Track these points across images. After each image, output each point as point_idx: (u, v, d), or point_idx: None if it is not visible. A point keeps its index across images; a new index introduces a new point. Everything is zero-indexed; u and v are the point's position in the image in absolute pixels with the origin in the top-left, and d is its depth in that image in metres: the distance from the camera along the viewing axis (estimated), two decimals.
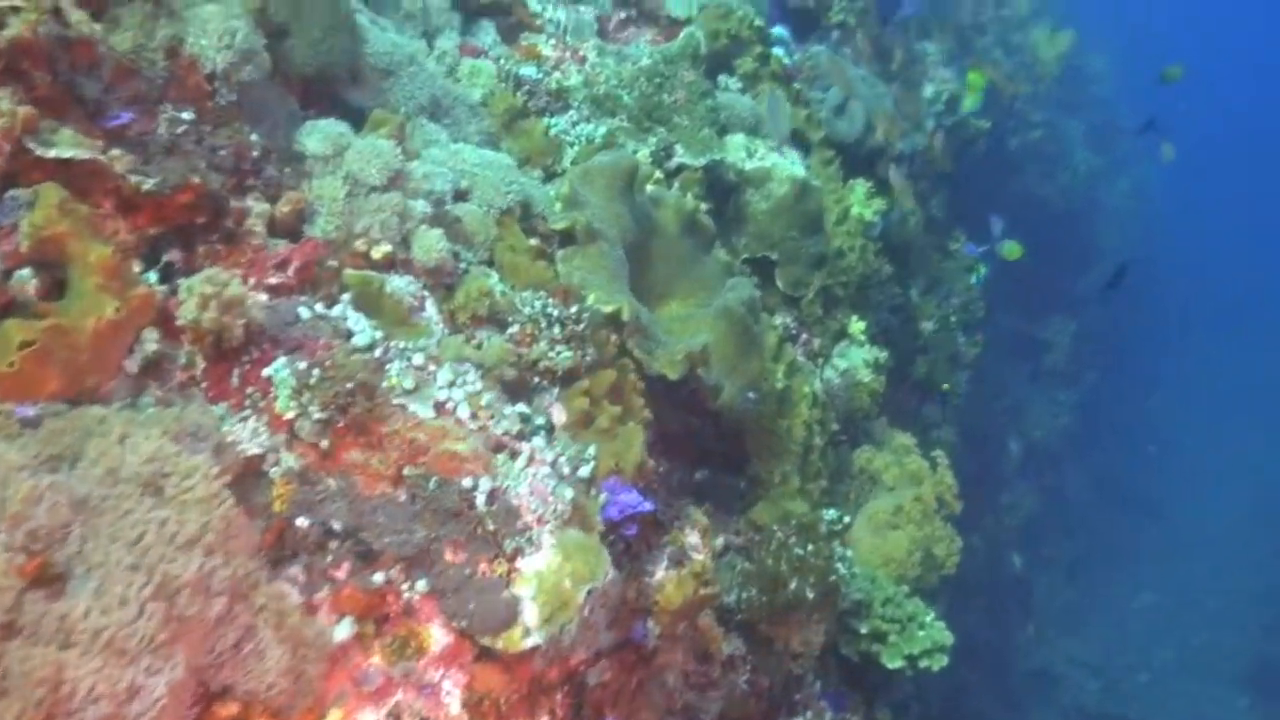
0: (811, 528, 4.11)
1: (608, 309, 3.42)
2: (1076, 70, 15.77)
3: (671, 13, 5.48)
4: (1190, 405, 21.66)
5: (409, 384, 2.80)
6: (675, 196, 4.28)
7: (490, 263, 3.47)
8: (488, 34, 4.77)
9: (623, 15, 5.52)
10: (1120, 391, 18.20)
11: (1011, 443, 14.32)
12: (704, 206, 4.52)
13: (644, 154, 4.60)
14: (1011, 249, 8.75)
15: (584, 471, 3.05)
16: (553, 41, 5.05)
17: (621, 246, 3.71)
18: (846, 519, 5.19)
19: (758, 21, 5.59)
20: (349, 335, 2.78)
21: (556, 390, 3.27)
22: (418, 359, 2.89)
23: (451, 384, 2.90)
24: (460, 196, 3.53)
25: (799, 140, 5.66)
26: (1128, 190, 18.13)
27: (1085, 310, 15.82)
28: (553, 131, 4.57)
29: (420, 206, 3.21)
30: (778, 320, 5.13)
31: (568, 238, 3.70)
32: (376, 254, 3.08)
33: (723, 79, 5.46)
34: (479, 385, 2.96)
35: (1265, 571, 17.38)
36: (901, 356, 7.10)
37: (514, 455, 2.91)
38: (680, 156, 4.73)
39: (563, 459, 3.01)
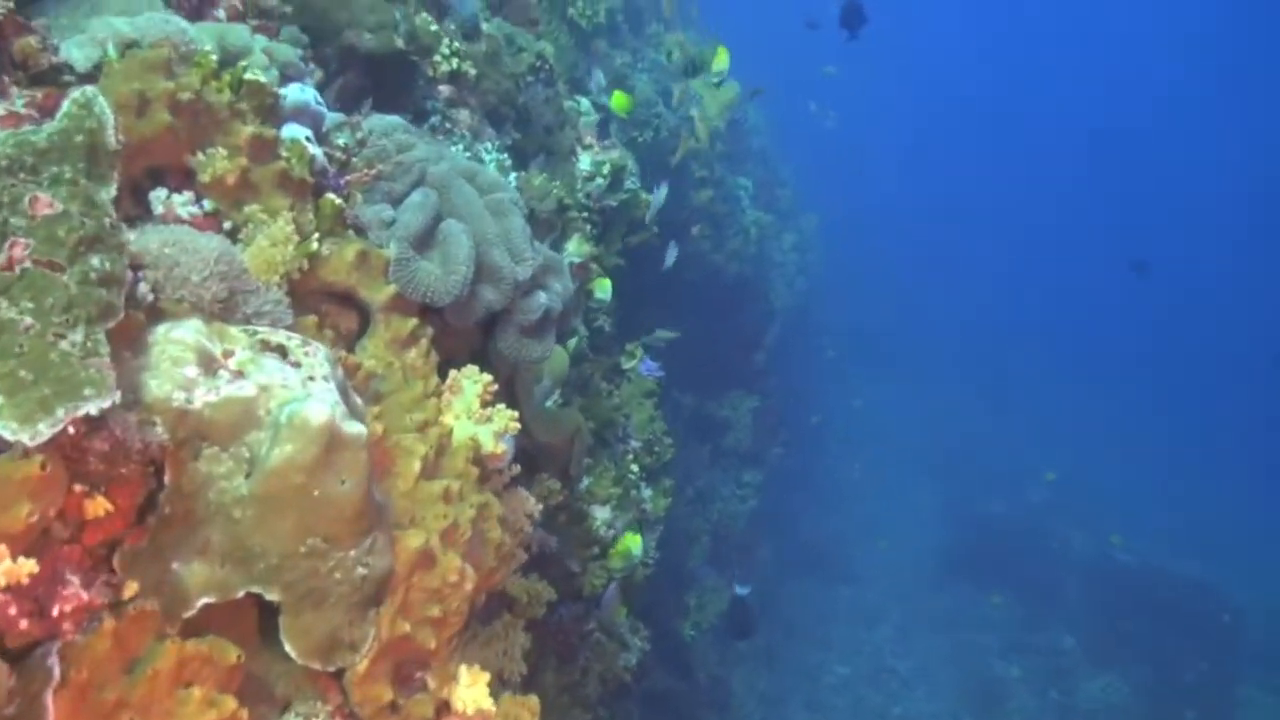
0: None
1: None
2: (737, 124, 13.76)
3: (71, 60, 2.50)
4: (862, 448, 20.40)
5: None
6: None
7: None
8: None
9: None
10: (802, 461, 16.84)
11: (701, 535, 12.62)
12: None
13: None
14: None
15: None
16: None
17: None
18: None
19: (257, 74, 2.66)
20: None
21: None
22: None
23: None
24: None
25: (352, 302, 2.80)
26: (793, 244, 16.25)
27: (764, 383, 14.15)
28: None
29: None
30: None
31: None
32: None
33: (158, 195, 2.52)
34: None
35: (952, 628, 16.50)
36: None
37: None
38: None
39: None
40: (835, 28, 11.40)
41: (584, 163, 6.46)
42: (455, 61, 4.81)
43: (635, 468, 6.05)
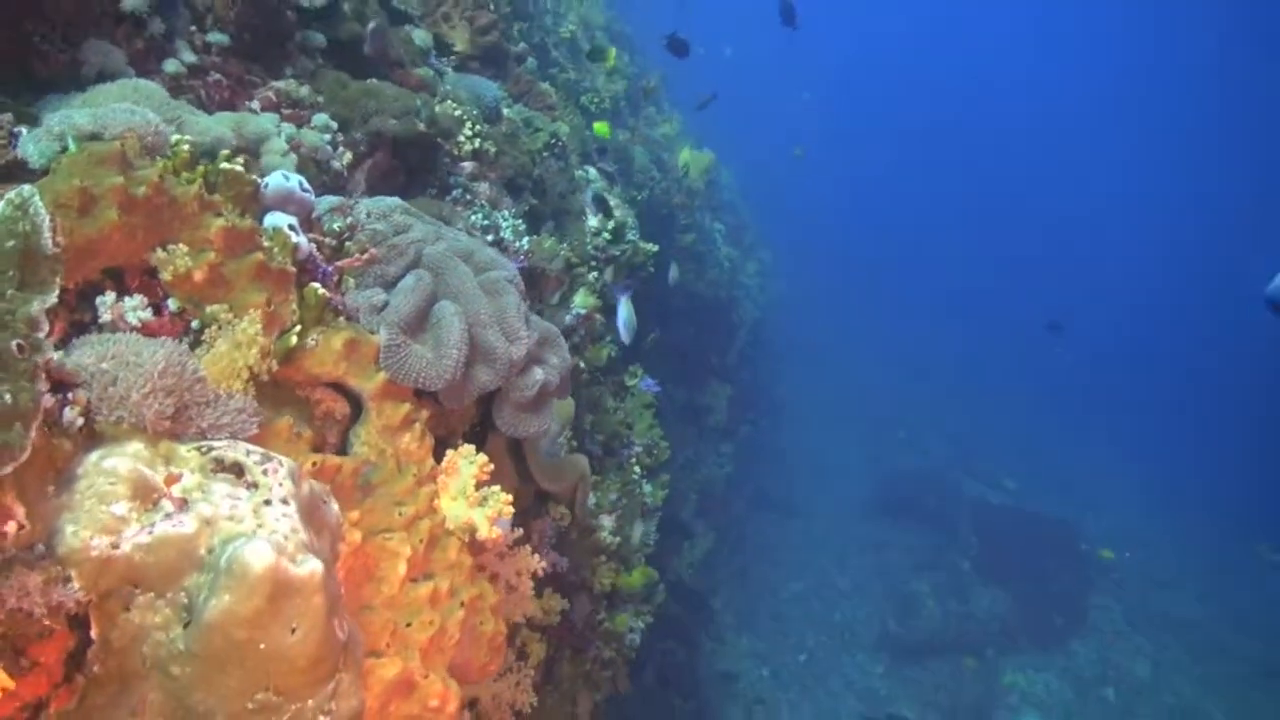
0: None
1: None
2: (713, 181, 12.99)
3: (26, 156, 1.67)
4: (808, 421, 19.68)
5: None
6: None
7: None
8: None
9: None
10: (764, 432, 16.03)
11: (690, 494, 11.88)
12: None
13: None
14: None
15: None
16: None
17: None
18: None
19: (234, 164, 1.83)
20: None
21: None
22: None
23: None
24: None
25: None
26: (755, 270, 15.51)
27: (736, 376, 13.31)
28: None
29: None
30: None
31: None
32: None
33: (104, 301, 1.74)
34: None
35: (878, 552, 15.69)
36: None
37: None
38: None
39: None
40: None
41: (591, 221, 5.63)
42: (478, 141, 3.99)
43: (637, 469, 5.25)
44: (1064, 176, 45.57)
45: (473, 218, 3.48)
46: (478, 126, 3.95)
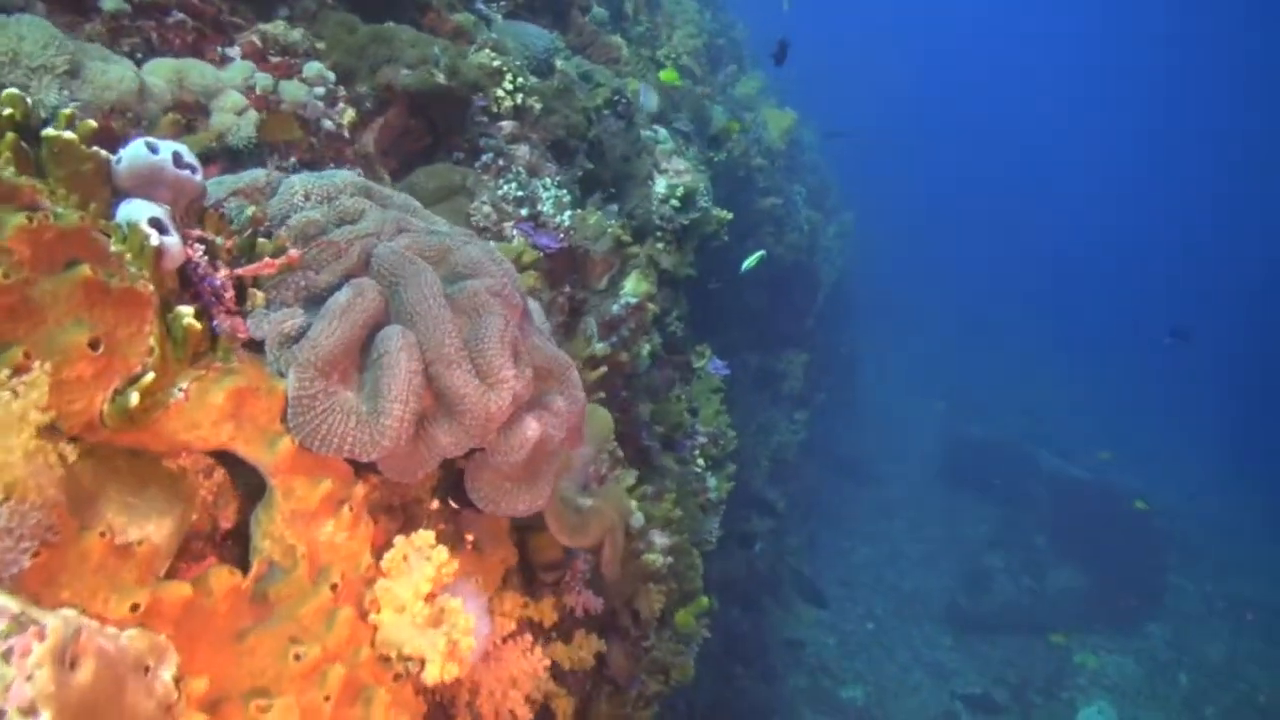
0: None
1: None
2: (794, 141, 11.98)
3: None
4: (884, 388, 18.67)
5: None
6: None
7: None
8: None
9: None
10: (840, 398, 15.02)
11: (762, 460, 10.96)
12: None
13: None
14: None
15: None
16: None
17: None
18: None
19: (58, 130, 1.14)
20: None
21: None
22: None
23: None
24: None
25: None
26: (835, 232, 14.45)
27: (812, 341, 12.44)
28: None
29: None
30: None
31: None
32: None
33: None
34: None
35: (950, 524, 14.80)
36: None
37: None
38: None
39: None
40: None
41: (659, 186, 4.85)
42: (519, 97, 3.26)
43: (701, 461, 4.54)
44: (1173, 155, 42.02)
45: (504, 188, 2.77)
46: (520, 80, 3.20)
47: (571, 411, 1.52)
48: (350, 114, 2.53)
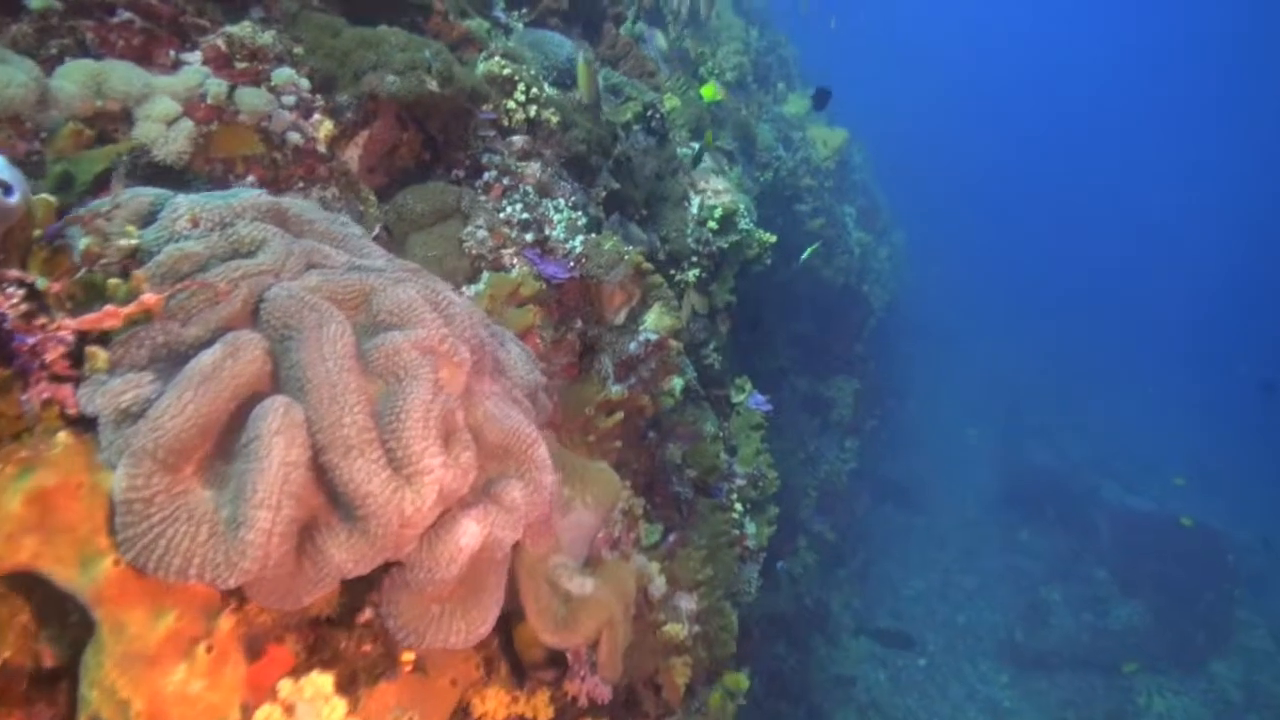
0: None
1: None
2: (844, 162, 11.51)
3: None
4: (936, 413, 17.92)
5: None
6: None
7: None
8: None
9: None
10: (892, 424, 14.48)
11: (810, 489, 10.39)
12: None
13: None
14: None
15: None
16: None
17: None
18: None
19: None
20: None
21: None
22: None
23: None
24: None
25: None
26: (887, 255, 13.90)
27: (863, 367, 11.88)
28: None
29: None
30: None
31: None
32: None
33: None
34: None
35: (1006, 555, 14.06)
36: None
37: None
38: None
39: None
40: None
41: (695, 208, 4.46)
42: (533, 109, 2.90)
43: (739, 506, 4.11)
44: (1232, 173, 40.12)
45: (507, 209, 2.41)
46: (534, 90, 2.84)
47: (533, 502, 1.12)
48: (328, 126, 2.19)
